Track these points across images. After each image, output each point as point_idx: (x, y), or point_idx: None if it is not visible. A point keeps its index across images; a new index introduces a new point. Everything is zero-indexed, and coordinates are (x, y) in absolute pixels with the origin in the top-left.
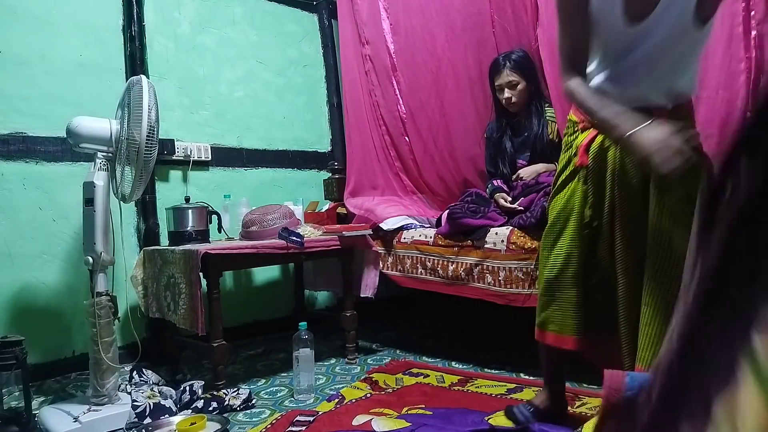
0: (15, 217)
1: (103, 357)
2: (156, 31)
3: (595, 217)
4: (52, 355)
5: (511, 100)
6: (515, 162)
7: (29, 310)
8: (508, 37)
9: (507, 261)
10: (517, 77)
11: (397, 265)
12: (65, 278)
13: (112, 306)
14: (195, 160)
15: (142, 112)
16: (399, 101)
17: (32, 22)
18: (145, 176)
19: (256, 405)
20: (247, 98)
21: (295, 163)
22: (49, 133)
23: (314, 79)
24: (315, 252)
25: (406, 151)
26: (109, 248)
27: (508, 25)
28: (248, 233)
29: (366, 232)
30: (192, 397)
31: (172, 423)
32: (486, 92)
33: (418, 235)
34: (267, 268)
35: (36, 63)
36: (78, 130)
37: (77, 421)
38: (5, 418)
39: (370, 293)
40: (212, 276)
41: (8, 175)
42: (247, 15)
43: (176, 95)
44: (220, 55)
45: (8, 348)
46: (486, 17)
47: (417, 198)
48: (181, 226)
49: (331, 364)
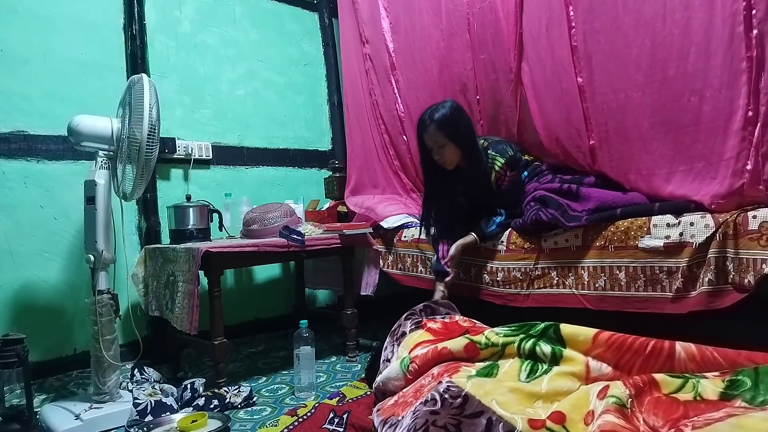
0: (16, 216)
1: (105, 355)
2: (157, 30)
3: None
4: (53, 353)
5: (443, 161)
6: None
7: (31, 308)
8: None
9: (506, 261)
10: (442, 139)
11: (398, 263)
12: (66, 276)
13: (113, 304)
14: (196, 158)
15: (143, 110)
16: (397, 100)
17: (33, 21)
18: (147, 175)
19: (257, 403)
20: (248, 97)
21: (296, 161)
22: (51, 131)
23: (315, 77)
24: (315, 250)
25: (404, 150)
26: (110, 246)
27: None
28: (249, 231)
29: (366, 230)
30: (193, 395)
31: (173, 421)
32: (483, 92)
33: (419, 233)
34: (268, 267)
35: (37, 61)
36: (79, 129)
37: (78, 419)
38: (7, 416)
39: (370, 291)
40: (213, 274)
41: (9, 173)
42: (248, 13)
43: (177, 94)
44: (221, 54)
45: (10, 346)
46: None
47: (416, 197)
48: (182, 225)
49: (332, 362)
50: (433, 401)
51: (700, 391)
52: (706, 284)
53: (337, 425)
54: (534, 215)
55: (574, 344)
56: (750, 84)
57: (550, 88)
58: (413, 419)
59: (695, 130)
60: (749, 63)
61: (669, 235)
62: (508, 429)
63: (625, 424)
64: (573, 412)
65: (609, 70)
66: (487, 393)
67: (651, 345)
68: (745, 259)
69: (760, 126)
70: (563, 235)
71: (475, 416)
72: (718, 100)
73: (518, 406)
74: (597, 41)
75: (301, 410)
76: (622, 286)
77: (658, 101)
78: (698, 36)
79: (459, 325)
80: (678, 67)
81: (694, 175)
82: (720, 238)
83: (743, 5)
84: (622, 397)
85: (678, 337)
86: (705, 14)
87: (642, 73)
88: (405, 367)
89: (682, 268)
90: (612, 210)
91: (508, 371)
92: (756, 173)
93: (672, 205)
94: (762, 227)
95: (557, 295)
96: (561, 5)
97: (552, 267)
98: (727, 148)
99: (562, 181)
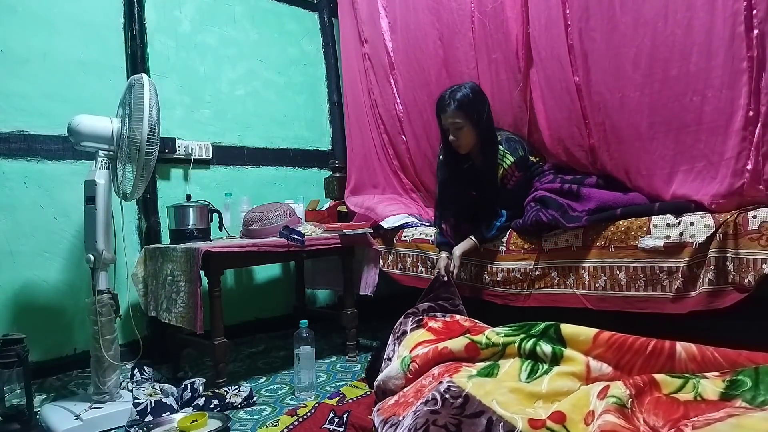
0: (16, 216)
1: (105, 355)
2: (157, 30)
3: None
4: (53, 353)
5: (457, 143)
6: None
7: (31, 308)
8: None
9: (506, 261)
10: (461, 120)
11: (398, 263)
12: (66, 276)
13: (113, 304)
14: (196, 158)
15: (143, 110)
16: (396, 100)
17: (33, 21)
18: (147, 174)
19: (257, 402)
20: (248, 97)
21: (296, 161)
22: (51, 131)
23: (315, 77)
24: (316, 250)
25: (403, 150)
26: (110, 246)
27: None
28: (249, 231)
29: (366, 230)
30: (193, 395)
31: (173, 420)
32: (487, 91)
33: (419, 233)
34: (268, 266)
35: (37, 61)
36: (79, 129)
37: (79, 419)
38: (7, 416)
39: (370, 291)
40: (213, 274)
41: (9, 173)
42: (248, 13)
43: (177, 94)
44: (221, 54)
45: (10, 346)
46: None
47: (416, 196)
48: (182, 225)
49: (332, 362)
50: (434, 401)
51: (700, 391)
52: (706, 284)
53: (337, 425)
54: (534, 216)
55: (575, 344)
56: (750, 84)
57: (552, 87)
58: (414, 419)
59: (697, 129)
60: (750, 63)
61: (669, 235)
62: (508, 429)
63: (625, 424)
64: (573, 412)
65: (605, 69)
66: (488, 393)
67: (651, 345)
68: (745, 259)
69: (760, 126)
70: (563, 236)
71: (476, 416)
72: (719, 100)
73: (519, 406)
74: (593, 40)
75: (301, 410)
76: (623, 286)
77: (658, 101)
78: (700, 36)
79: (460, 325)
80: (680, 67)
81: (694, 175)
82: (720, 238)
83: (744, 5)
84: (622, 397)
85: (678, 337)
86: (706, 14)
87: (641, 73)
88: (406, 366)
89: (682, 268)
90: (612, 210)
91: (508, 371)
92: (756, 173)
93: (672, 205)
94: (762, 227)
95: (558, 294)
96: (558, 4)
97: (552, 267)
98: (727, 147)
99: (563, 182)
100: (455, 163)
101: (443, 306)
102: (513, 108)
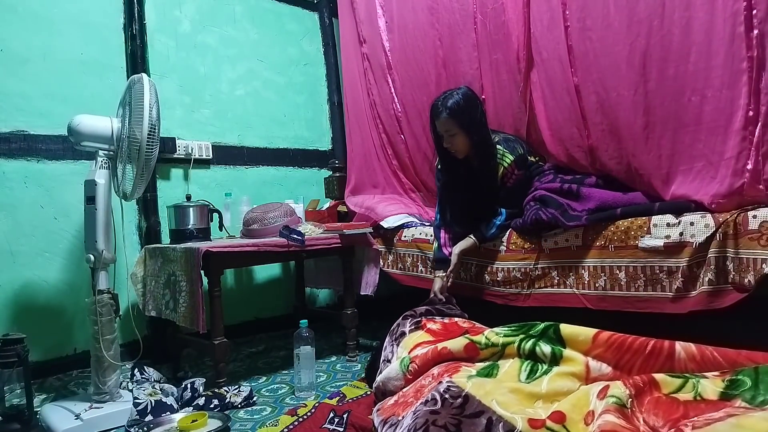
0: (16, 215)
1: (105, 354)
2: (157, 30)
3: None
4: (53, 353)
5: (453, 149)
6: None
7: (31, 308)
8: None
9: (506, 261)
10: (454, 128)
11: (398, 263)
12: (66, 276)
13: (113, 304)
14: (196, 158)
15: (144, 110)
16: (394, 99)
17: (33, 20)
18: (147, 174)
19: (257, 402)
20: (248, 96)
21: (296, 161)
22: (51, 131)
23: (315, 77)
24: (316, 250)
25: (402, 149)
26: (110, 246)
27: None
28: (249, 231)
29: (367, 230)
30: (193, 395)
31: (173, 420)
32: (488, 91)
33: (419, 233)
34: (268, 266)
35: (37, 61)
36: (79, 129)
37: (79, 419)
38: (7, 416)
39: (370, 291)
40: (213, 274)
41: (9, 173)
42: (248, 13)
43: (177, 93)
44: (221, 54)
45: (10, 345)
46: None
47: (415, 196)
48: (182, 224)
49: (332, 362)
50: (434, 401)
51: (700, 391)
52: (706, 284)
53: (337, 425)
54: (534, 215)
55: (574, 344)
56: (750, 84)
57: (553, 88)
58: (413, 419)
59: (696, 129)
60: (750, 63)
61: (669, 235)
62: (508, 429)
63: (625, 424)
64: (573, 412)
65: (601, 68)
66: (488, 393)
67: (651, 345)
68: (745, 259)
69: (760, 126)
70: (563, 235)
71: (476, 416)
72: (719, 100)
73: (518, 406)
74: (589, 39)
75: (301, 410)
76: (623, 285)
77: (654, 100)
78: (699, 36)
79: (458, 326)
80: (678, 67)
81: (694, 175)
82: (720, 238)
83: (744, 5)
84: (622, 397)
85: (678, 337)
86: (706, 14)
87: (635, 72)
88: (405, 367)
89: (682, 267)
90: (612, 210)
91: (508, 371)
92: (756, 173)
93: (672, 204)
94: (762, 227)
95: (558, 294)
96: (559, 5)
97: (552, 267)
98: (727, 147)
99: (563, 181)
100: (453, 166)
101: (441, 311)
102: (513, 108)
